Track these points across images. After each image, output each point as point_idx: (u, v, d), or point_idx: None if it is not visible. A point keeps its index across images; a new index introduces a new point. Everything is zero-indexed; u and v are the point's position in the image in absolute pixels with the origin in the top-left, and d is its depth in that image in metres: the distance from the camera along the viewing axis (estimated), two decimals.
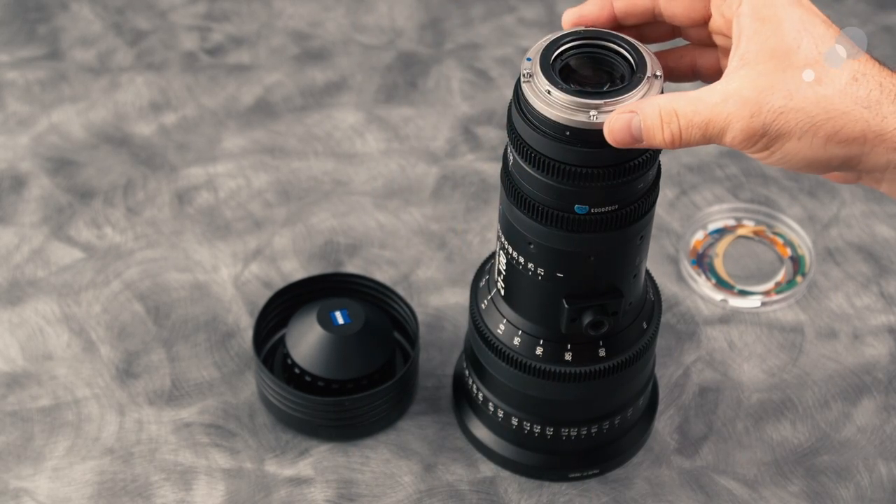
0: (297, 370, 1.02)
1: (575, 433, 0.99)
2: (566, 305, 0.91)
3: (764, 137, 0.79)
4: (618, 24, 0.88)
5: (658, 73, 0.84)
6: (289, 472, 1.01)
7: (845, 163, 0.80)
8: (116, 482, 1.00)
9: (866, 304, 1.12)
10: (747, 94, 0.78)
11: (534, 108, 0.84)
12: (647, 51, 0.85)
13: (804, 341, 1.10)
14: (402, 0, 1.37)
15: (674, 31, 0.89)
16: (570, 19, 0.87)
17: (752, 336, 1.10)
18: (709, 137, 0.80)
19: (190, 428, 1.03)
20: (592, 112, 0.82)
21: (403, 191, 1.20)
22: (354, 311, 1.02)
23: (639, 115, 0.81)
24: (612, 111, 0.82)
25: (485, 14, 1.36)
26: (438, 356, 1.08)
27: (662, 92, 0.84)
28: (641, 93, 0.83)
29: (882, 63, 0.81)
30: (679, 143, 0.81)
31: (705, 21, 0.86)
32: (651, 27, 0.89)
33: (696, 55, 0.89)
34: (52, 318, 1.10)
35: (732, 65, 0.80)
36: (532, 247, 0.90)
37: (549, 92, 0.83)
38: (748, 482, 1.01)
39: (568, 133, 0.83)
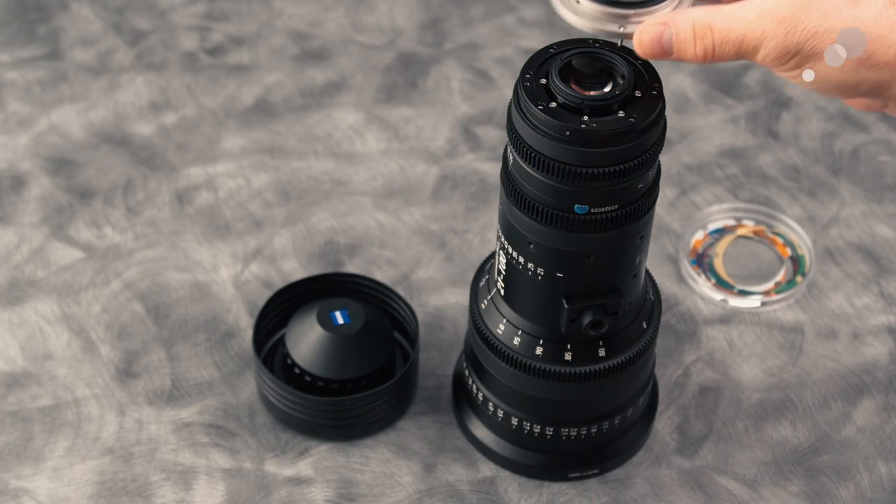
0: (296, 370, 1.02)
1: (575, 433, 0.99)
2: (566, 305, 0.91)
3: (797, 56, 0.80)
4: None
5: None
6: (289, 472, 1.01)
7: (875, 88, 0.80)
8: (116, 482, 1.00)
9: (866, 304, 1.12)
10: (783, 11, 0.79)
11: (563, 20, 0.81)
12: None
13: (804, 341, 1.10)
14: (402, 0, 1.37)
15: None
16: None
17: (752, 336, 1.10)
18: (742, 53, 0.80)
19: (190, 428, 1.03)
20: (621, 23, 0.82)
21: (403, 191, 1.20)
22: (354, 311, 1.02)
23: (671, 27, 0.81)
24: (642, 22, 0.82)
25: (485, 14, 1.36)
26: (438, 356, 1.08)
27: (694, 5, 0.83)
28: (673, 4, 0.82)
29: None
30: (711, 59, 0.81)
31: None
32: None
33: None
34: (51, 318, 1.10)
35: None
36: (532, 247, 0.90)
37: (577, 1, 0.82)
38: (748, 482, 1.01)
39: (568, 133, 0.84)
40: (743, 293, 1.12)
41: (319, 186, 1.20)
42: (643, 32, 0.82)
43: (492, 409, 1.00)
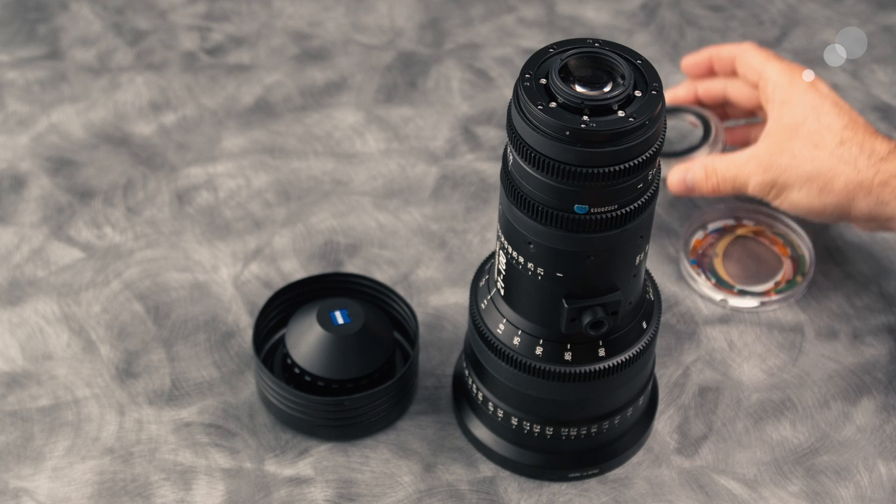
0: (296, 370, 1.02)
1: (575, 433, 0.99)
2: (566, 305, 0.91)
3: (774, 188, 1.06)
4: (702, 103, 1.17)
5: (721, 142, 1.14)
6: (288, 471, 1.01)
7: (838, 210, 1.04)
8: (116, 482, 1.00)
9: (866, 304, 1.12)
10: (763, 156, 1.06)
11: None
12: (718, 124, 1.15)
13: (804, 341, 1.10)
14: (402, 0, 1.37)
15: (748, 111, 1.16)
16: (666, 98, 1.06)
17: (752, 336, 1.10)
18: (737, 188, 1.07)
19: (190, 428, 1.03)
20: (666, 168, 1.13)
21: (403, 191, 1.20)
22: (354, 310, 1.02)
23: (691, 171, 1.10)
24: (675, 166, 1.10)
25: (485, 14, 1.36)
26: (438, 356, 1.08)
27: (724, 151, 1.14)
28: (705, 153, 1.14)
29: (868, 124, 1.05)
30: (718, 192, 1.09)
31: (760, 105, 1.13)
32: (729, 107, 1.17)
33: (752, 130, 1.18)
34: (51, 317, 1.10)
35: (760, 136, 1.08)
36: (532, 246, 0.90)
37: None
38: (748, 482, 1.01)
39: (568, 133, 0.84)
40: (743, 293, 1.12)
41: (319, 186, 1.20)
42: (672, 174, 1.11)
43: (492, 408, 1.00)
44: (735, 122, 1.20)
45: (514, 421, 0.99)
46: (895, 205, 1.02)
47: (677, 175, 1.11)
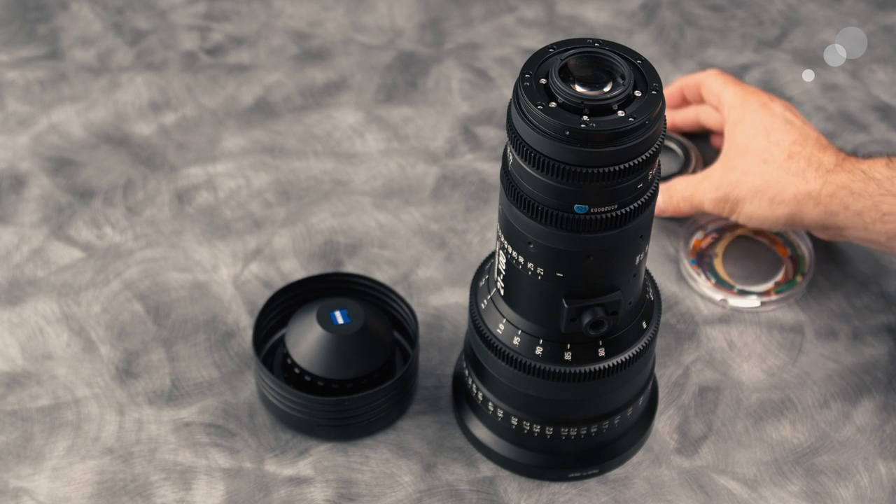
0: (296, 370, 1.02)
1: (574, 433, 0.99)
2: (566, 305, 0.91)
3: (728, 203, 1.09)
4: (683, 132, 1.23)
5: (699, 171, 1.19)
6: (288, 471, 1.01)
7: (791, 219, 1.07)
8: (116, 482, 1.00)
9: (866, 304, 1.12)
10: (716, 174, 1.10)
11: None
12: (697, 153, 1.22)
13: (804, 341, 1.10)
14: (401, 0, 1.37)
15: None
16: None
17: (752, 336, 1.10)
18: (695, 206, 1.12)
19: (189, 428, 1.03)
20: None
21: (403, 191, 1.20)
22: (354, 310, 1.02)
23: (663, 194, 1.14)
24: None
25: (485, 14, 1.36)
26: (438, 356, 1.08)
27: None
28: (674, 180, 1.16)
29: (821, 138, 1.09)
30: (679, 213, 1.14)
31: None
32: (710, 133, 1.23)
33: None
34: (51, 317, 1.10)
35: (718, 157, 1.13)
36: (532, 246, 0.90)
37: None
38: (748, 482, 1.01)
39: (568, 133, 0.84)
40: (743, 293, 1.12)
41: (319, 186, 1.20)
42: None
43: (491, 408, 1.00)
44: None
45: (514, 421, 0.99)
46: (844, 215, 1.04)
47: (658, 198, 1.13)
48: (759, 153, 1.08)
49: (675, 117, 1.22)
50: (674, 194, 1.13)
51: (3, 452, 1.02)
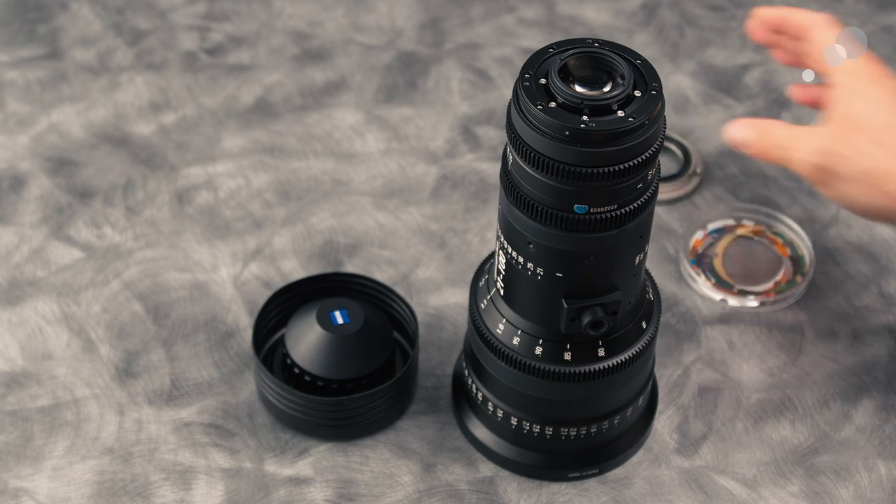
0: (296, 370, 1.02)
1: (574, 433, 0.99)
2: (565, 305, 0.91)
3: (826, 174, 0.99)
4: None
5: (699, 175, 1.19)
6: (288, 471, 1.01)
7: (889, 213, 0.98)
8: (116, 482, 1.00)
9: (866, 304, 1.12)
10: (824, 139, 0.99)
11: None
12: (699, 156, 1.20)
13: (804, 341, 1.10)
14: (401, 0, 1.37)
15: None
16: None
17: (752, 336, 1.10)
18: (785, 159, 1.01)
19: (189, 428, 1.03)
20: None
21: (403, 191, 1.20)
22: (354, 310, 1.02)
23: (745, 128, 1.03)
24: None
25: (485, 14, 1.36)
26: (438, 356, 1.08)
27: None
28: (677, 186, 1.18)
29: None
30: (764, 155, 1.02)
31: None
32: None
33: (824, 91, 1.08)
34: (51, 317, 1.10)
35: (822, 120, 1.02)
36: (531, 246, 0.90)
37: None
38: (747, 482, 1.01)
39: (567, 133, 0.84)
40: (743, 293, 1.12)
41: (319, 186, 1.20)
42: (730, 128, 1.03)
43: (491, 408, 1.00)
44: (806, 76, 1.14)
45: (514, 421, 0.99)
46: None
47: (737, 128, 1.04)
48: (874, 132, 0.98)
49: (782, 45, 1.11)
50: (768, 137, 1.02)
51: (3, 452, 1.02)
